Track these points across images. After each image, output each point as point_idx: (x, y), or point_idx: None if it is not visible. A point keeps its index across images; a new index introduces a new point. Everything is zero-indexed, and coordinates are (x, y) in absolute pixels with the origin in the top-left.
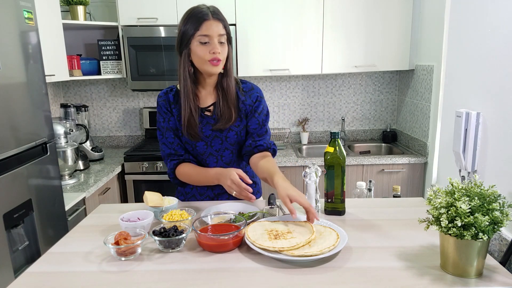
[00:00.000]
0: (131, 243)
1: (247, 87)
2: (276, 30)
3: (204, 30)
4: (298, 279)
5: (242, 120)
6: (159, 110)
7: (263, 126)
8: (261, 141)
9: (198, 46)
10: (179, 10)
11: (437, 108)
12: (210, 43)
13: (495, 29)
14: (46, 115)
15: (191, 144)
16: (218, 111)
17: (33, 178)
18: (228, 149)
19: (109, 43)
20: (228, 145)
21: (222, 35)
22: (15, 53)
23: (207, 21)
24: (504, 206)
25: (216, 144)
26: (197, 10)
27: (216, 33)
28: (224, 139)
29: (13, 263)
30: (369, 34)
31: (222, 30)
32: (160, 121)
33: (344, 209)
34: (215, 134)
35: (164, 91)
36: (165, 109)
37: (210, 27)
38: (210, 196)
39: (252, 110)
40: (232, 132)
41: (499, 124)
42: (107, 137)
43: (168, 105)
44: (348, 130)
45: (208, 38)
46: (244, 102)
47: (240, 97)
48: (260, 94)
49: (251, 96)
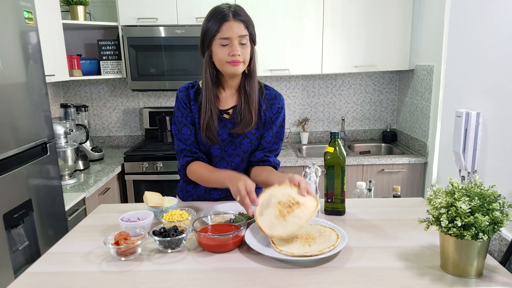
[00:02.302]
0: (131, 243)
1: (270, 95)
2: (276, 30)
3: (224, 31)
4: (298, 279)
5: (259, 129)
6: (178, 104)
7: (277, 141)
8: (271, 158)
9: (219, 47)
10: (179, 10)
11: (437, 108)
12: (230, 44)
13: (495, 29)
14: (46, 115)
15: (205, 145)
16: (238, 115)
17: (33, 178)
18: (240, 156)
19: (109, 43)
20: (240, 152)
21: (243, 36)
22: (15, 53)
23: (227, 22)
24: (504, 206)
25: (230, 150)
26: (218, 10)
27: (236, 35)
28: (238, 145)
29: (13, 263)
30: (369, 34)
31: (243, 31)
32: (178, 116)
33: (344, 209)
34: (230, 139)
35: (185, 86)
36: (184, 104)
37: (230, 29)
38: (208, 200)
39: (270, 121)
40: (247, 139)
41: (499, 124)
42: (107, 137)
43: (187, 101)
44: (348, 130)
45: (228, 40)
46: (265, 112)
47: (261, 104)
48: (282, 104)
49: (272, 106)
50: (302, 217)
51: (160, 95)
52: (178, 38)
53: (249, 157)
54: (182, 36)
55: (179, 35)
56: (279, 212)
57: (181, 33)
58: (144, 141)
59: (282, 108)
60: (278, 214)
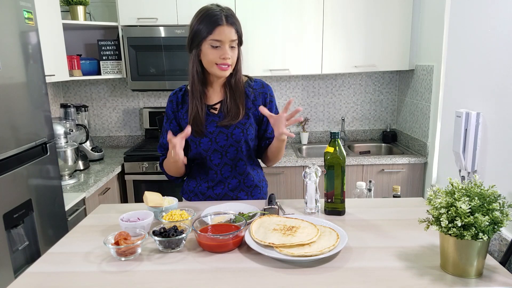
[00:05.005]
0: (131, 243)
1: (257, 85)
2: (276, 30)
3: (217, 35)
4: (298, 279)
5: (250, 118)
6: (166, 110)
7: None
8: None
9: (209, 49)
10: (179, 10)
11: (437, 108)
12: (221, 47)
13: (495, 29)
14: (46, 115)
15: (195, 141)
16: (225, 108)
17: (33, 178)
18: (233, 146)
19: (109, 43)
20: (233, 142)
21: (233, 40)
22: (15, 53)
23: (220, 26)
24: (504, 206)
25: (221, 140)
26: (211, 12)
27: (228, 39)
28: (230, 135)
29: (13, 263)
30: (369, 34)
31: (234, 36)
32: (164, 121)
33: (344, 209)
34: (220, 130)
35: (174, 92)
36: (171, 111)
37: (223, 33)
38: (212, 197)
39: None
40: (238, 129)
41: (499, 124)
42: (107, 137)
43: (175, 106)
44: (348, 130)
45: (219, 43)
46: (254, 102)
47: (249, 95)
48: (271, 93)
49: (261, 95)
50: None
51: (160, 95)
52: (178, 38)
53: (247, 147)
54: (182, 36)
55: (179, 35)
56: (282, 235)
57: (181, 33)
58: (144, 141)
59: (272, 96)
60: (283, 235)
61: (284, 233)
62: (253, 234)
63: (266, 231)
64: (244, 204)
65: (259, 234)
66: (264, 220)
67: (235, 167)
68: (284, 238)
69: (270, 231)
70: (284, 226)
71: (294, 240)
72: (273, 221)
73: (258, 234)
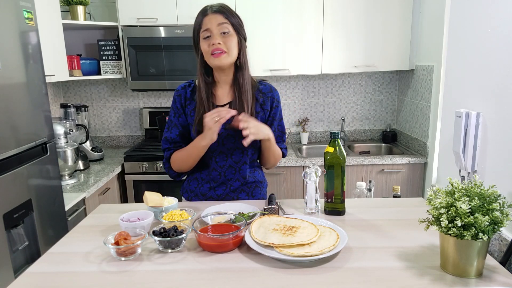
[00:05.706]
0: (131, 243)
1: (266, 89)
2: (276, 30)
3: (204, 25)
4: (298, 279)
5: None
6: (173, 104)
7: (281, 134)
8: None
9: (202, 41)
10: (179, 10)
11: (437, 108)
12: (211, 36)
13: (495, 29)
14: (46, 115)
15: None
16: (233, 109)
17: (33, 178)
18: (239, 149)
19: (109, 43)
20: (240, 145)
21: (222, 23)
22: (15, 53)
23: (206, 16)
24: (504, 206)
25: (229, 143)
26: (202, 8)
27: (214, 24)
28: (237, 138)
29: (13, 263)
30: (369, 34)
31: (221, 19)
32: (171, 115)
33: (344, 209)
34: (228, 133)
35: (182, 86)
36: (179, 104)
37: (208, 21)
38: (213, 197)
39: (271, 118)
40: None
41: (499, 124)
42: (107, 137)
43: (183, 100)
44: (348, 130)
45: (208, 31)
46: (262, 106)
47: (258, 98)
48: (278, 97)
49: (269, 99)
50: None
51: (160, 95)
52: (178, 38)
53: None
54: (182, 36)
55: (179, 35)
56: (282, 235)
57: (181, 33)
58: (144, 141)
59: (279, 101)
60: (283, 235)
61: (284, 233)
62: (253, 234)
63: (266, 231)
64: (244, 204)
65: (259, 234)
66: (264, 220)
67: (239, 170)
68: (284, 238)
69: (270, 231)
70: (284, 226)
71: (294, 240)
72: (273, 221)
73: (258, 234)
